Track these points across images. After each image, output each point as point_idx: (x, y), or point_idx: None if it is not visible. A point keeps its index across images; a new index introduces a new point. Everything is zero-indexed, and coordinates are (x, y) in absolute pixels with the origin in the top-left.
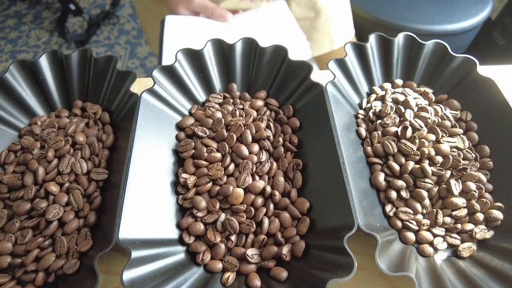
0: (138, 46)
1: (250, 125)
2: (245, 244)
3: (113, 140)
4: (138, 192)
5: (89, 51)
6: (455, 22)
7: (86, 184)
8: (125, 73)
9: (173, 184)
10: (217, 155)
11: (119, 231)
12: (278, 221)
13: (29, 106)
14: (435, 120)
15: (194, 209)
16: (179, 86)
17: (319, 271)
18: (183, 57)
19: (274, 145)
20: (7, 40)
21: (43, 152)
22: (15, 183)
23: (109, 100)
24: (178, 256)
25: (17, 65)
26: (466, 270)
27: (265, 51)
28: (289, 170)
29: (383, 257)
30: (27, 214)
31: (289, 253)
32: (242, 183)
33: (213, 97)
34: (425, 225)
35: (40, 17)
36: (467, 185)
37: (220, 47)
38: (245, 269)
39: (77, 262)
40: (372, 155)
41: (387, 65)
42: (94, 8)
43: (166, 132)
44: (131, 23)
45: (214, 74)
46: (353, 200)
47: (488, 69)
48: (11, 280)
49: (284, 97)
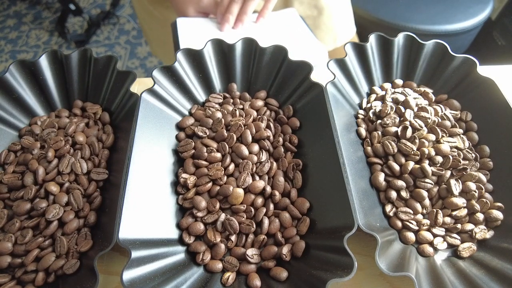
0: (138, 46)
1: (250, 125)
2: (245, 244)
3: (113, 140)
4: (138, 192)
5: (89, 51)
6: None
7: (86, 184)
8: (125, 73)
9: (173, 184)
10: (217, 155)
11: (119, 231)
12: (278, 221)
13: (29, 106)
14: (435, 120)
15: (194, 209)
16: (179, 86)
17: (319, 271)
18: (183, 57)
19: (274, 145)
20: (7, 40)
21: (43, 152)
22: (15, 183)
23: (109, 100)
24: (178, 256)
25: (17, 65)
26: (466, 270)
27: (265, 51)
28: (289, 170)
29: (383, 257)
30: (27, 214)
31: (289, 253)
32: (242, 183)
33: (213, 97)
34: (425, 225)
35: (40, 17)
36: (467, 185)
37: (220, 47)
38: (245, 269)
39: (77, 262)
40: (372, 155)
41: (387, 65)
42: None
43: (166, 132)
44: (131, 23)
45: (214, 74)
46: (353, 200)
47: (488, 69)
48: (11, 280)
49: (284, 97)
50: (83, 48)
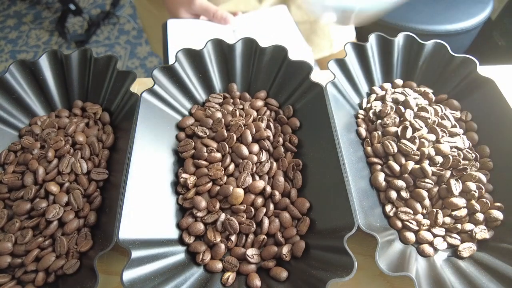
0: (138, 46)
1: (250, 125)
2: (245, 244)
3: (113, 140)
4: (138, 192)
5: (89, 51)
6: (455, 22)
7: (86, 184)
8: (125, 73)
9: (173, 184)
10: (217, 155)
11: (119, 231)
12: (278, 221)
13: (29, 106)
14: (435, 120)
15: (194, 209)
16: (179, 86)
17: (319, 271)
18: (183, 57)
19: (274, 145)
20: (7, 40)
21: (43, 152)
22: (15, 183)
23: (109, 100)
24: (178, 256)
25: (17, 65)
26: (466, 270)
27: (265, 51)
28: (289, 170)
29: (383, 257)
30: (27, 214)
31: (289, 253)
32: (242, 183)
33: (213, 97)
34: (425, 225)
35: (40, 17)
36: (467, 185)
37: (220, 47)
38: (245, 269)
39: (77, 262)
40: (372, 155)
41: (387, 65)
42: (94, 8)
43: (166, 132)
44: (131, 23)
45: (214, 74)
46: (353, 200)
47: (488, 69)
48: (11, 280)
49: (284, 97)
50: (83, 48)
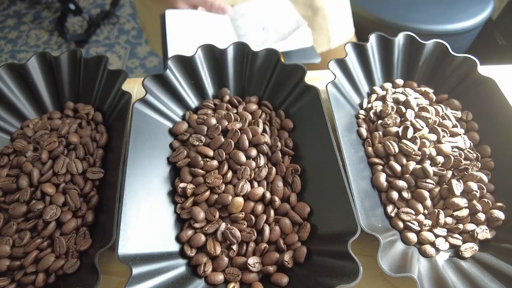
0: (138, 46)
1: (246, 129)
2: (246, 253)
3: (107, 139)
4: (135, 206)
5: (78, 52)
6: (456, 22)
7: (82, 184)
8: (116, 72)
9: (170, 194)
10: (214, 163)
11: (118, 247)
12: (278, 228)
13: (20, 110)
14: (436, 120)
15: (192, 220)
16: (172, 94)
17: (324, 278)
18: (174, 65)
19: (273, 150)
20: (7, 40)
21: (36, 154)
22: (10, 186)
23: (101, 100)
24: (180, 270)
25: (6, 68)
26: (468, 271)
27: (258, 55)
28: (288, 175)
29: (385, 258)
30: (24, 216)
31: (291, 260)
32: (241, 190)
33: (206, 103)
34: (426, 226)
35: (40, 17)
36: (468, 185)
37: (211, 52)
38: (247, 278)
39: (77, 261)
40: (373, 156)
41: (388, 65)
42: (94, 8)
43: (161, 141)
44: (131, 23)
45: (206, 80)
46: (355, 203)
47: (489, 69)
48: (11, 283)
49: (279, 101)
50: (72, 49)
